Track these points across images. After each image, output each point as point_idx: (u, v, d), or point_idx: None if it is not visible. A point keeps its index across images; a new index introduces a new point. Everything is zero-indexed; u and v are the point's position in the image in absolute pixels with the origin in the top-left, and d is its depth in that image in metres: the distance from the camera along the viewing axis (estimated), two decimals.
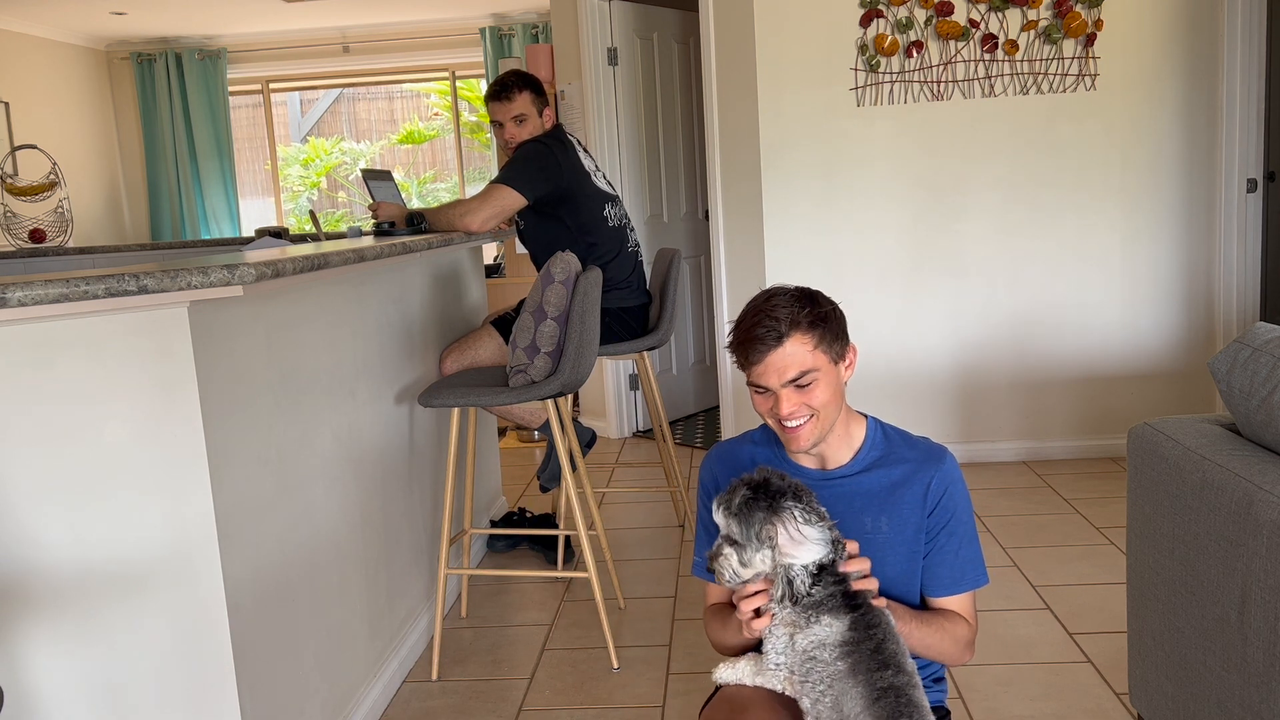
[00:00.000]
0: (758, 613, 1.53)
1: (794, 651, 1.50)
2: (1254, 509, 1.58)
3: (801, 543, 1.46)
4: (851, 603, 1.48)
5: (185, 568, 1.80)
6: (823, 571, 1.47)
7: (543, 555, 3.60)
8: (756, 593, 1.51)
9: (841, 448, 1.70)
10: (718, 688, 1.66)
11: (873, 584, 1.53)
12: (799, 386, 1.60)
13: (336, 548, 2.38)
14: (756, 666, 1.57)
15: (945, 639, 1.66)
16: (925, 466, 1.69)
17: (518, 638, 2.99)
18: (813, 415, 1.62)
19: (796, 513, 1.47)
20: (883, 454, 1.72)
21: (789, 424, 1.62)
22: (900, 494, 1.68)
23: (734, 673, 1.60)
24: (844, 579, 1.49)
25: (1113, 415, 4.44)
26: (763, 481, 1.50)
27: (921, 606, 1.71)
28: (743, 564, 1.50)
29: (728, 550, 1.51)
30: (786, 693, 1.54)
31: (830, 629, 1.46)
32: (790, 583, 1.47)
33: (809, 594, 1.47)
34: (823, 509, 1.50)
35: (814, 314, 1.61)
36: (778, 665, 1.53)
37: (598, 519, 3.06)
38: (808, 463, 1.72)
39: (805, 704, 1.49)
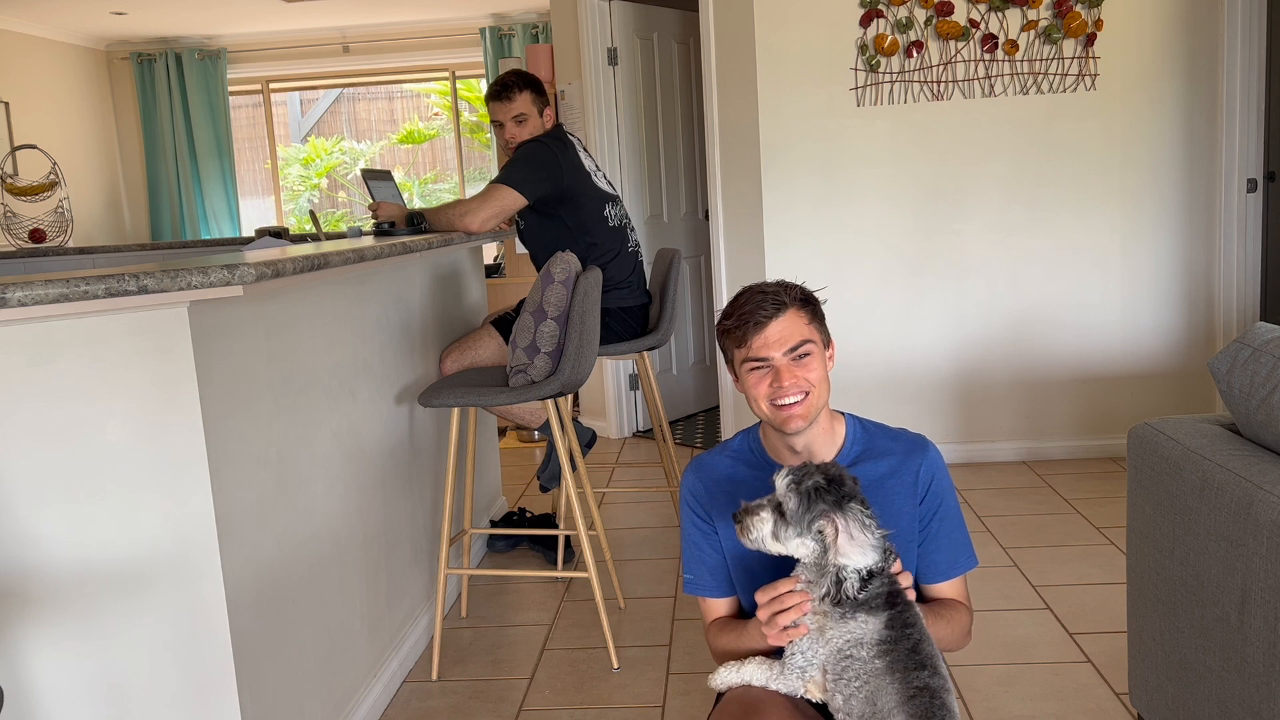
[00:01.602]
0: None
1: (824, 648, 1.48)
2: (1254, 509, 1.58)
3: (862, 546, 1.45)
4: (890, 601, 1.47)
5: (185, 568, 1.80)
6: (871, 578, 1.47)
7: (543, 555, 3.60)
8: (789, 607, 1.49)
9: (826, 445, 1.71)
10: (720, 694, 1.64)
11: (907, 579, 1.54)
12: (797, 359, 1.63)
13: (336, 548, 2.38)
14: (770, 671, 1.54)
15: (955, 629, 1.68)
16: (911, 456, 1.72)
17: (518, 638, 2.99)
18: (807, 394, 1.63)
19: (863, 517, 1.46)
20: (865, 448, 1.73)
21: (785, 401, 1.63)
22: (889, 486, 1.69)
23: (739, 675, 1.57)
24: (892, 580, 1.49)
25: (1113, 415, 4.44)
26: (838, 476, 1.49)
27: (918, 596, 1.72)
28: (775, 537, 1.48)
29: (767, 516, 1.49)
30: (809, 696, 1.52)
31: (866, 626, 1.45)
32: (840, 584, 1.46)
33: (855, 598, 1.46)
34: (876, 517, 1.49)
35: (804, 293, 1.69)
36: (805, 667, 1.50)
37: (598, 519, 3.06)
38: (793, 462, 1.70)
39: (837, 701, 1.47)
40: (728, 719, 1.53)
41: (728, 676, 1.58)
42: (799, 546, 1.48)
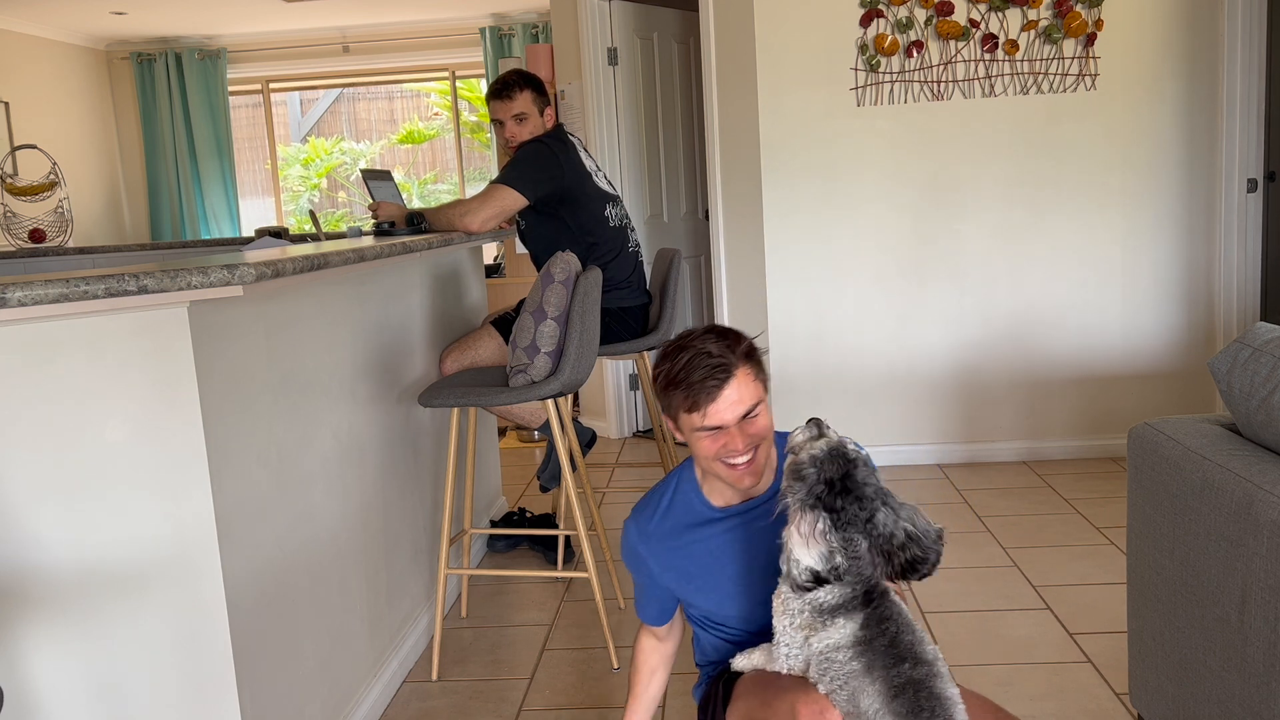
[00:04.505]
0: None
1: (804, 650, 1.50)
2: (1254, 509, 1.58)
3: (803, 546, 1.46)
4: (867, 599, 1.47)
5: (185, 568, 1.80)
6: (820, 581, 1.47)
7: (543, 555, 3.60)
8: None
9: (765, 472, 1.75)
10: (727, 676, 1.72)
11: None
12: (748, 419, 1.62)
13: (336, 548, 2.38)
14: (769, 656, 1.60)
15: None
16: None
17: (518, 638, 3.00)
18: (757, 447, 1.65)
19: (821, 523, 1.45)
20: None
21: (740, 460, 1.63)
22: None
23: (749, 661, 1.64)
24: (868, 579, 1.48)
25: (1113, 415, 4.44)
26: (849, 487, 1.46)
27: None
28: (787, 473, 1.51)
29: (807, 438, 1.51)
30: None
31: (844, 630, 1.45)
32: (788, 565, 1.49)
33: (803, 586, 1.47)
34: (852, 536, 1.45)
35: (747, 347, 1.65)
36: (789, 659, 1.53)
37: (598, 519, 3.06)
38: (735, 501, 1.74)
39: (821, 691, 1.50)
40: (751, 689, 1.60)
41: (741, 663, 1.67)
42: (788, 505, 1.51)
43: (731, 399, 1.60)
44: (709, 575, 1.76)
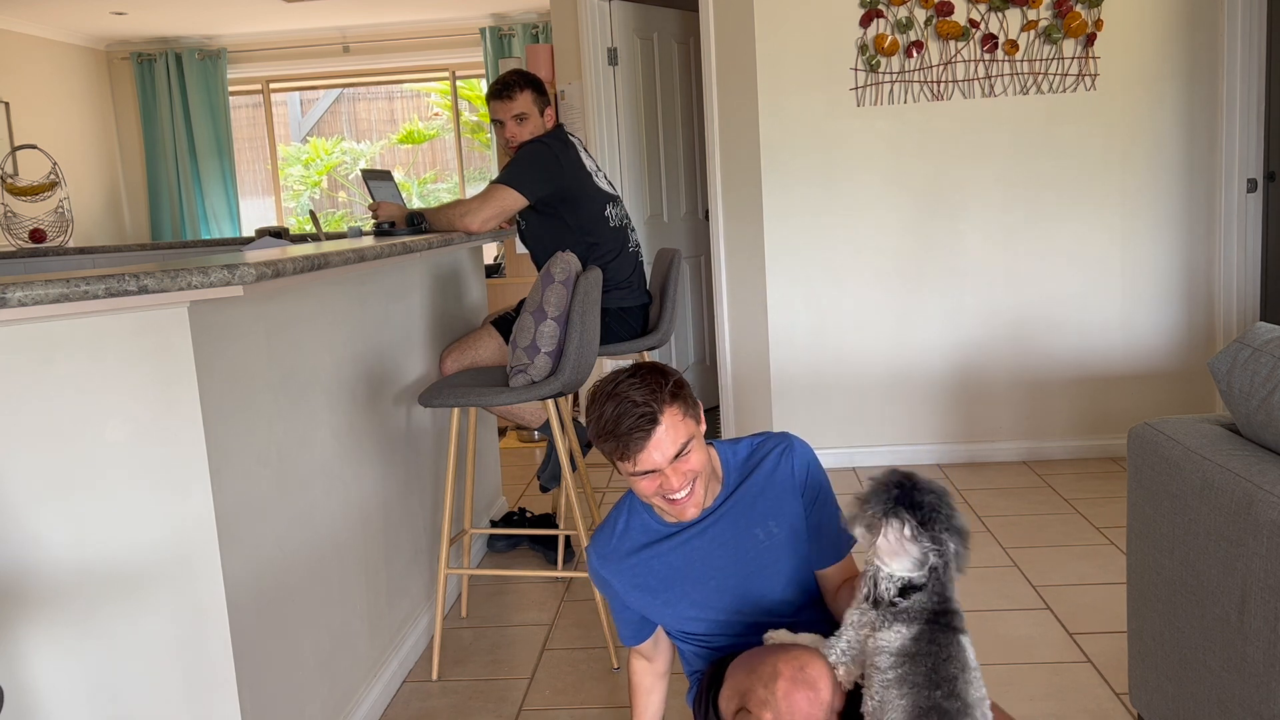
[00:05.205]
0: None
1: (865, 650, 1.52)
2: (1254, 509, 1.58)
3: (896, 553, 1.47)
4: (933, 617, 1.48)
5: (185, 567, 1.80)
6: (910, 590, 1.48)
7: (543, 555, 3.60)
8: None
9: (713, 483, 1.79)
10: (714, 669, 1.77)
11: None
12: (681, 459, 1.66)
13: (336, 548, 2.38)
14: (816, 640, 1.63)
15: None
16: (784, 455, 1.81)
17: (518, 638, 3.00)
18: (694, 480, 1.69)
19: (907, 529, 1.47)
20: (745, 461, 1.82)
21: (677, 496, 1.67)
22: (773, 489, 1.78)
23: (793, 635, 1.67)
24: (947, 599, 1.49)
25: (1113, 415, 4.44)
26: (915, 485, 1.50)
27: (816, 586, 1.83)
28: (851, 520, 1.54)
29: (856, 500, 1.55)
30: (842, 681, 1.59)
31: (900, 635, 1.46)
32: (875, 584, 1.49)
33: (891, 603, 1.47)
34: (939, 535, 1.48)
35: (673, 386, 1.67)
36: (845, 653, 1.55)
37: (597, 519, 3.06)
38: (689, 518, 1.77)
39: (867, 706, 1.52)
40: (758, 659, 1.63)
41: (779, 634, 1.70)
42: (860, 534, 1.52)
43: (661, 443, 1.63)
44: (672, 587, 1.80)
